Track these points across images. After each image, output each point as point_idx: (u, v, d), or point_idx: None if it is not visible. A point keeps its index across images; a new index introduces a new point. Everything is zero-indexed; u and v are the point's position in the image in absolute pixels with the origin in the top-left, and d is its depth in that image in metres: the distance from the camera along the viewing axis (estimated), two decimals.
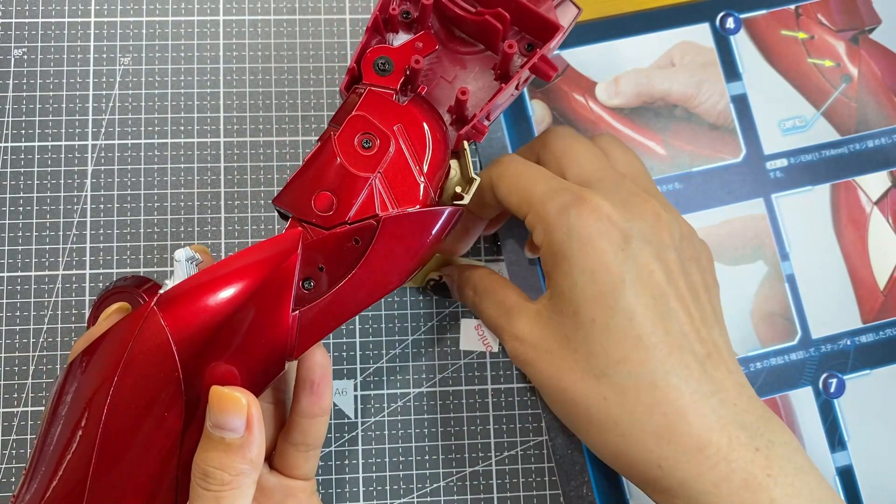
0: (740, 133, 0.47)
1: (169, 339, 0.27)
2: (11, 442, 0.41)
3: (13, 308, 0.42)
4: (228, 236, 0.44)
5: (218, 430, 0.28)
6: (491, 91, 0.35)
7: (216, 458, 0.28)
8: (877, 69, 0.48)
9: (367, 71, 0.33)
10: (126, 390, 0.27)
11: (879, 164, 0.47)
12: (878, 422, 0.45)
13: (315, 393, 0.34)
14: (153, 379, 0.27)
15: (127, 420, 0.27)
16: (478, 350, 0.44)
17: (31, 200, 0.43)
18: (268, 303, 0.28)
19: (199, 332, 0.27)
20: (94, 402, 0.27)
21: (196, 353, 0.27)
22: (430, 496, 0.42)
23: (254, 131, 0.45)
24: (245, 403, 0.28)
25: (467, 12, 0.34)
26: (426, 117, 0.32)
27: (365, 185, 0.30)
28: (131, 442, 0.27)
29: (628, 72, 0.47)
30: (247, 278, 0.28)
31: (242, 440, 0.28)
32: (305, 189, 0.30)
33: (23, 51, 0.45)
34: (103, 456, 0.27)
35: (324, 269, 0.30)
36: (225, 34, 0.46)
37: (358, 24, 0.46)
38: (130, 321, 0.28)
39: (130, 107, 0.45)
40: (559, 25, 0.33)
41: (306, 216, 0.30)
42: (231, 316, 0.28)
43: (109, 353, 0.27)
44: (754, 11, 0.48)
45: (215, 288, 0.28)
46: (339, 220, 0.30)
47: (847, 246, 0.46)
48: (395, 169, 0.31)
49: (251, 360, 0.28)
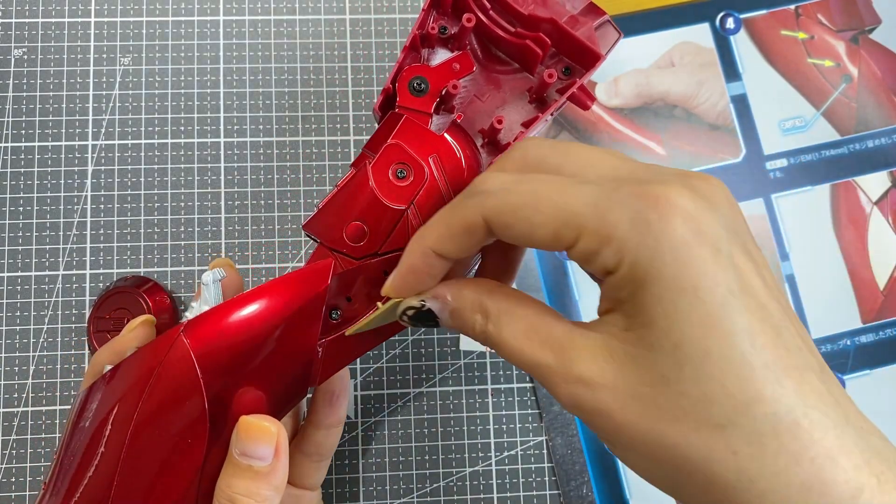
0: (740, 133, 0.47)
1: (195, 367, 0.27)
2: (11, 442, 0.41)
3: (13, 308, 0.42)
4: (228, 236, 0.44)
5: (245, 458, 0.28)
6: (523, 112, 0.34)
7: (243, 485, 0.28)
8: (877, 69, 0.48)
9: (402, 91, 0.32)
10: (151, 415, 0.27)
11: (879, 164, 0.47)
12: (878, 422, 0.44)
13: (334, 404, 0.34)
14: (178, 405, 0.27)
15: (151, 444, 0.27)
16: (478, 350, 0.44)
17: (31, 200, 0.43)
18: (296, 333, 0.28)
19: (226, 361, 0.27)
20: (118, 425, 0.27)
21: (222, 380, 0.27)
22: (430, 496, 0.42)
23: (254, 131, 0.45)
24: (275, 432, 0.28)
25: (507, 33, 0.33)
26: (463, 147, 0.31)
27: (398, 217, 0.30)
28: (155, 466, 0.27)
29: (628, 72, 0.47)
30: (277, 309, 0.28)
31: (270, 468, 0.28)
32: (338, 218, 0.30)
33: (23, 51, 0.45)
34: (126, 479, 0.27)
35: (351, 299, 0.30)
36: (225, 34, 0.46)
37: (358, 24, 0.46)
38: (157, 347, 0.28)
39: (130, 107, 0.45)
40: (600, 54, 0.32)
41: (337, 246, 0.30)
42: (259, 345, 0.28)
43: (135, 376, 0.27)
44: (754, 11, 0.48)
45: (244, 318, 0.28)
46: (370, 251, 0.30)
47: (847, 246, 0.46)
48: (429, 200, 0.30)
49: (276, 388, 0.29)
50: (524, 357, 0.27)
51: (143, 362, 0.27)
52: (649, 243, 0.24)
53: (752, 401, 0.24)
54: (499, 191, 0.26)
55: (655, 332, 0.24)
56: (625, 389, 0.25)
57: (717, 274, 0.24)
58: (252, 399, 0.28)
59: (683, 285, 0.24)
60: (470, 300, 0.28)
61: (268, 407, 0.28)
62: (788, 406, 0.24)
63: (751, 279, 0.25)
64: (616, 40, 0.33)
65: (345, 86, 0.46)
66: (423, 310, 0.29)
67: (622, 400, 0.25)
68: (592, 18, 0.33)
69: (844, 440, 0.24)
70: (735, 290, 0.24)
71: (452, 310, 0.28)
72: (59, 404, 0.42)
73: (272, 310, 0.28)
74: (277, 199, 0.44)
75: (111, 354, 0.30)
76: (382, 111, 0.33)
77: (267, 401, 0.28)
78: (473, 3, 0.33)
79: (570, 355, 0.26)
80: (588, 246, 0.25)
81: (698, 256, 0.24)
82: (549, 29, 0.32)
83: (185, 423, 0.27)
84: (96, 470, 0.27)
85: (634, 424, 0.25)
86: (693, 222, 0.24)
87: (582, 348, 0.26)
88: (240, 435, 0.28)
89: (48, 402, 0.42)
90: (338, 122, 0.45)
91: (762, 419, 0.24)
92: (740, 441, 0.24)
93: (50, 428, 0.42)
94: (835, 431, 0.24)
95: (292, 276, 0.29)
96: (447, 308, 0.28)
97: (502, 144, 0.32)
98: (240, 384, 0.28)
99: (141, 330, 0.31)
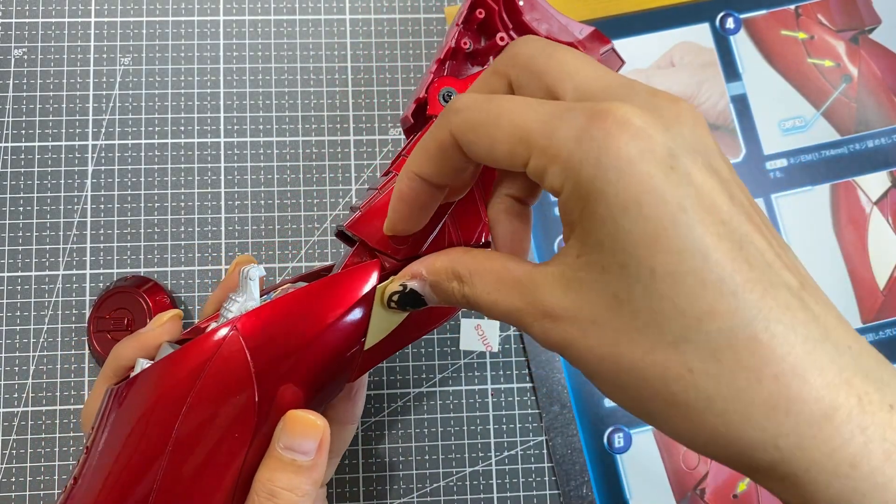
0: (740, 133, 0.47)
1: (248, 362, 0.28)
2: (11, 442, 0.41)
3: (13, 308, 0.42)
4: (228, 236, 0.44)
5: (289, 451, 0.28)
6: None
7: (286, 479, 0.28)
8: (877, 69, 0.48)
9: (433, 101, 0.34)
10: (201, 407, 0.28)
11: (879, 164, 0.47)
12: None
13: (352, 399, 0.34)
14: (229, 398, 0.28)
15: (199, 436, 0.28)
16: (478, 350, 0.44)
17: (32, 200, 0.43)
18: (344, 331, 0.29)
19: (277, 358, 0.28)
20: (164, 416, 0.28)
21: (271, 376, 0.28)
22: (430, 496, 0.42)
23: (254, 131, 0.45)
24: (321, 427, 0.28)
25: None
26: None
27: (439, 221, 0.31)
28: (201, 458, 0.28)
29: (628, 72, 0.47)
30: (328, 307, 0.29)
31: (312, 462, 0.28)
32: (382, 220, 0.31)
33: (23, 51, 0.45)
34: (172, 469, 0.27)
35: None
36: (225, 34, 0.46)
37: (358, 24, 0.46)
38: (208, 340, 0.28)
39: (130, 107, 0.45)
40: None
41: (381, 247, 0.31)
42: (309, 343, 0.29)
43: (186, 369, 0.28)
44: (754, 11, 0.48)
45: (297, 315, 0.29)
46: (413, 252, 0.31)
47: (847, 246, 0.46)
48: (464, 205, 0.32)
49: (319, 384, 0.29)
50: (499, 308, 0.27)
51: (195, 355, 0.28)
52: (592, 160, 0.23)
53: (705, 315, 0.23)
54: (467, 108, 0.26)
55: (604, 254, 0.24)
56: (584, 317, 0.25)
57: (667, 191, 0.23)
58: (293, 394, 0.29)
59: (626, 203, 0.23)
60: (444, 269, 0.28)
61: (306, 402, 0.29)
62: (746, 319, 0.23)
63: (713, 196, 0.24)
64: (619, 67, 0.36)
65: (345, 86, 0.46)
66: (406, 292, 0.29)
67: (583, 327, 0.25)
68: (598, 45, 0.36)
69: (816, 356, 0.23)
70: (687, 207, 0.23)
71: (431, 284, 0.29)
72: (59, 404, 0.42)
73: (324, 308, 0.29)
74: (277, 199, 0.44)
75: (138, 348, 0.30)
76: (414, 118, 0.35)
77: (306, 396, 0.29)
78: (501, 24, 0.35)
79: (533, 294, 0.26)
80: (537, 164, 0.25)
81: (644, 172, 0.23)
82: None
83: (234, 417, 0.28)
84: (139, 461, 0.27)
85: (596, 350, 0.25)
86: (642, 140, 0.23)
87: (542, 284, 0.26)
88: (287, 429, 0.28)
89: (48, 402, 0.42)
90: (338, 122, 0.45)
91: (716, 334, 0.23)
92: (694, 358, 0.23)
93: (50, 428, 0.42)
94: (804, 347, 0.23)
95: (341, 275, 0.30)
96: (426, 284, 0.29)
97: None
98: (286, 380, 0.28)
99: (171, 324, 0.31)
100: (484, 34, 0.36)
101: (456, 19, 0.35)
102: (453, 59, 0.36)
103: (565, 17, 0.37)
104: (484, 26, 0.36)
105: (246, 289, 0.30)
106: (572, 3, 0.46)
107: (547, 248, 0.45)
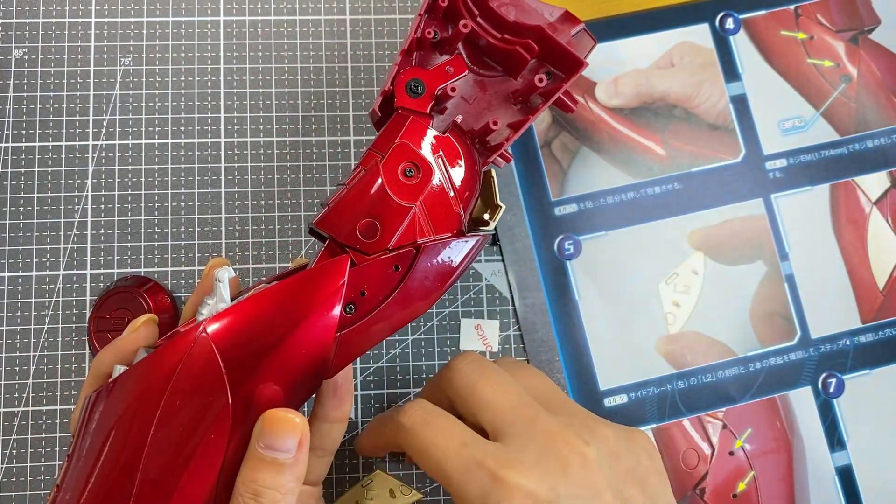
0: (740, 133, 0.47)
1: (219, 363, 0.28)
2: (12, 442, 0.41)
3: (13, 308, 0.43)
4: (228, 236, 0.44)
5: (271, 451, 0.28)
6: (509, 115, 0.36)
7: (269, 478, 0.28)
8: (876, 69, 0.48)
9: (400, 92, 0.33)
10: (174, 411, 0.27)
11: (879, 164, 0.47)
12: (878, 422, 0.45)
13: (338, 396, 0.34)
14: (202, 400, 0.28)
15: (175, 439, 0.28)
16: (478, 350, 0.44)
17: (32, 200, 0.43)
18: (314, 328, 0.29)
19: (248, 357, 0.28)
20: (140, 421, 0.28)
21: (243, 376, 0.28)
22: (430, 496, 0.42)
23: (254, 131, 0.45)
24: (300, 424, 0.28)
25: (496, 39, 0.35)
26: (463, 148, 0.33)
27: (407, 214, 0.31)
28: (178, 461, 0.28)
29: (628, 72, 0.47)
30: (297, 304, 0.29)
31: (294, 460, 0.28)
32: (350, 215, 0.31)
33: (23, 51, 0.45)
34: (149, 473, 0.27)
35: (365, 294, 0.31)
36: (225, 35, 0.46)
37: (358, 24, 0.46)
38: (178, 344, 0.28)
39: (131, 107, 0.45)
40: (583, 62, 0.35)
41: (350, 242, 0.31)
42: (280, 341, 0.28)
43: (157, 373, 0.28)
44: (754, 12, 0.48)
45: (266, 314, 0.29)
46: (382, 246, 0.31)
47: (846, 246, 0.46)
48: (435, 197, 0.32)
49: (294, 381, 0.29)
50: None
51: (166, 359, 0.28)
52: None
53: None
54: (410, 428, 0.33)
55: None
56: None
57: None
58: (270, 393, 0.28)
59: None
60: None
61: (285, 401, 0.29)
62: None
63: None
64: (592, 47, 0.36)
65: (345, 86, 0.46)
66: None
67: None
68: (569, 26, 0.36)
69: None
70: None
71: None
72: (59, 404, 0.42)
73: (295, 305, 0.29)
74: (277, 199, 0.44)
75: (115, 354, 0.30)
76: (382, 112, 0.34)
77: (284, 395, 0.29)
78: (465, 11, 0.35)
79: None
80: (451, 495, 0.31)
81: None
82: (535, 36, 0.35)
83: (209, 418, 0.28)
84: (118, 466, 0.27)
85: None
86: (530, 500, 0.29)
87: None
88: (265, 428, 0.28)
89: (48, 402, 0.42)
90: (338, 122, 0.45)
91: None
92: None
93: (50, 428, 0.42)
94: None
95: (310, 272, 0.30)
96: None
97: (491, 145, 0.34)
98: (260, 379, 0.28)
99: (144, 329, 0.31)
100: (451, 22, 0.36)
101: (419, 9, 0.34)
102: (420, 49, 0.35)
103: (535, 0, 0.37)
104: (448, 14, 0.35)
105: (216, 291, 0.30)
106: (572, 4, 0.46)
107: (547, 248, 0.45)
